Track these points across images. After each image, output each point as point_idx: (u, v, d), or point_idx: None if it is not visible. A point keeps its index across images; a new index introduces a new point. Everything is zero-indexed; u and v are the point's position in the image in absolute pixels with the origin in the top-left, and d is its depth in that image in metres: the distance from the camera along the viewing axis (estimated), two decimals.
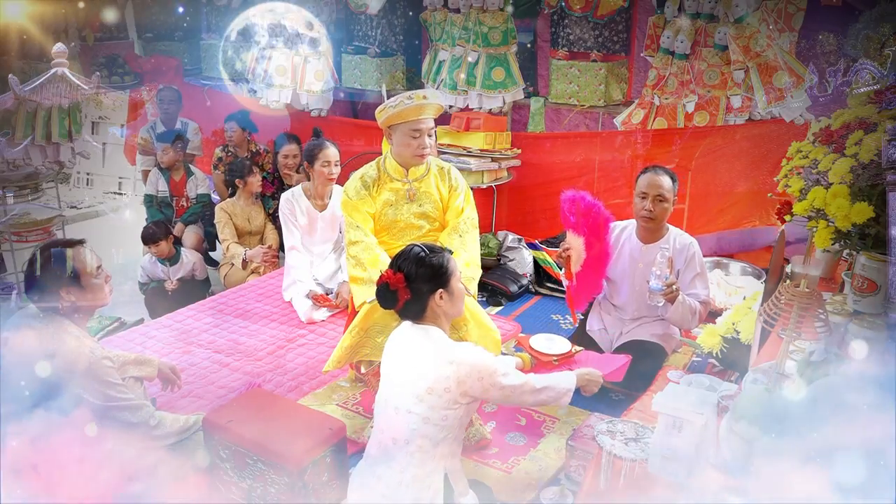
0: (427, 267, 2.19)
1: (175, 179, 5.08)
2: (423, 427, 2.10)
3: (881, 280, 1.97)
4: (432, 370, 2.09)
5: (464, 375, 2.08)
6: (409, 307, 2.21)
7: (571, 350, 3.08)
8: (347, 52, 5.88)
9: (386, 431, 2.18)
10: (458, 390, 2.09)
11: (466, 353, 2.13)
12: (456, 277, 2.26)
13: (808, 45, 4.53)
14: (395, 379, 2.20)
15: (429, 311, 2.22)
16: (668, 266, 3.04)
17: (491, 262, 4.79)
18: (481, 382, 2.10)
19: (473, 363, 2.10)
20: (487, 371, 2.11)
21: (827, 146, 2.05)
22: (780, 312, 1.83)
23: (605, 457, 2.37)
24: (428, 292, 2.19)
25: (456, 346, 2.17)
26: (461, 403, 2.13)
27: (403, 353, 2.21)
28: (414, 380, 2.11)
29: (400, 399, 2.14)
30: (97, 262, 2.55)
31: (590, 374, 2.43)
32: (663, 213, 3.30)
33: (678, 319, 3.27)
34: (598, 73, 5.01)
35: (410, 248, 2.25)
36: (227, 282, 4.69)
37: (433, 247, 2.27)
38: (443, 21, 5.34)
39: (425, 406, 2.09)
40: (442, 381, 2.08)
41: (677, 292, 3.11)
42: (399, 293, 2.16)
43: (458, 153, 4.97)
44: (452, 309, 2.27)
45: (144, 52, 7.39)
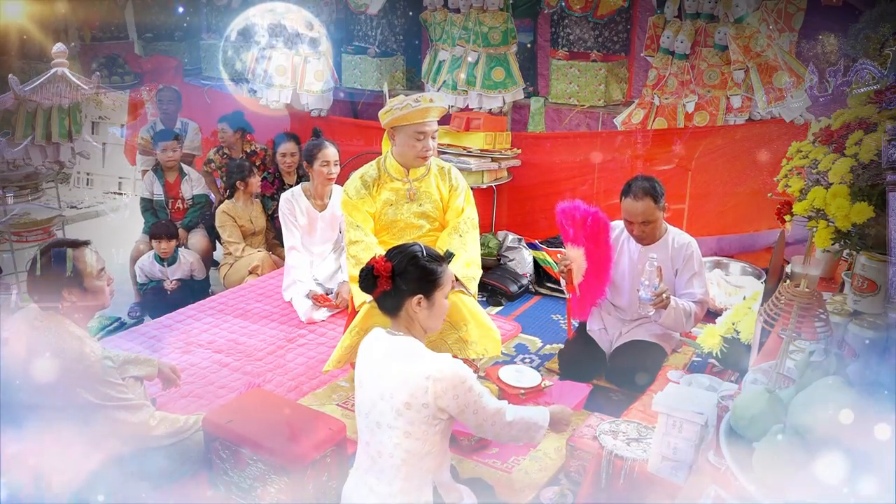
0: (417, 268, 2.11)
1: (169, 181, 5.00)
2: (405, 442, 2.03)
3: (881, 280, 1.97)
4: (409, 385, 2.01)
5: (440, 391, 1.99)
6: (384, 299, 2.13)
7: (541, 384, 3.10)
8: (347, 52, 5.88)
9: (371, 444, 2.12)
10: (436, 405, 2.01)
11: (444, 367, 2.02)
12: (442, 292, 2.16)
13: (808, 45, 4.53)
14: (372, 391, 2.12)
15: (403, 312, 2.13)
16: (657, 275, 3.01)
17: (491, 262, 4.79)
18: (457, 401, 2.01)
19: (451, 378, 2.00)
20: (464, 388, 2.02)
21: (827, 146, 2.05)
22: (780, 312, 1.83)
23: (606, 457, 2.37)
24: (408, 293, 2.10)
25: (433, 360, 2.05)
26: (441, 419, 2.05)
27: (379, 364, 2.11)
28: (391, 393, 2.03)
29: (380, 414, 2.07)
30: (100, 264, 2.55)
31: (562, 412, 2.33)
32: (653, 229, 3.29)
33: (672, 324, 3.25)
34: (598, 73, 5.01)
35: (411, 245, 2.19)
36: (227, 282, 4.69)
37: (435, 253, 2.19)
38: (443, 21, 5.34)
39: (405, 421, 2.02)
40: (419, 396, 2.00)
41: (667, 300, 3.09)
42: (380, 280, 2.08)
43: (458, 153, 4.97)
44: (428, 321, 2.16)
45: (144, 52, 7.39)
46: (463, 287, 3.15)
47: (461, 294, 3.16)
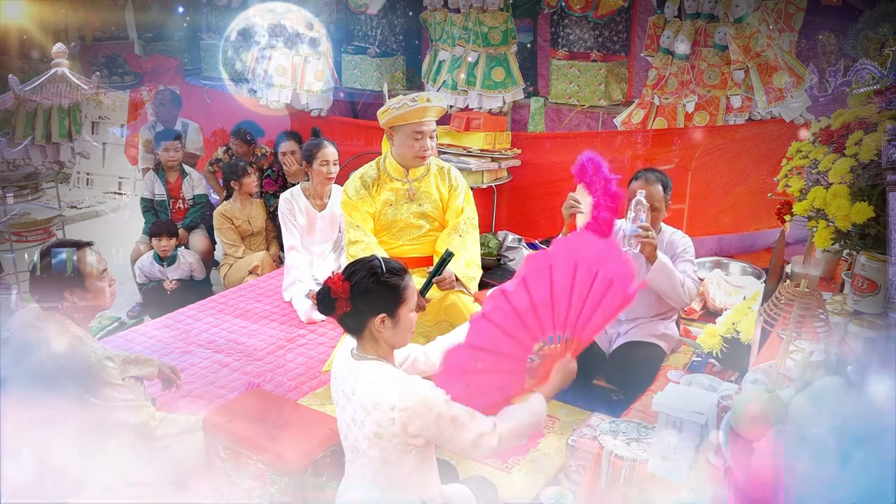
0: (378, 284, 1.96)
1: (171, 181, 4.99)
2: (384, 468, 1.96)
3: (881, 280, 1.97)
4: (375, 415, 1.91)
5: (407, 420, 1.88)
6: (345, 321, 2.00)
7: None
8: (347, 52, 5.88)
9: (355, 462, 2.06)
10: (406, 434, 1.90)
11: (409, 395, 1.89)
12: (408, 307, 2.01)
13: (808, 45, 4.53)
14: (346, 416, 2.02)
15: (367, 332, 2.00)
16: (644, 212, 2.93)
17: (491, 262, 4.79)
18: (427, 430, 1.89)
19: (415, 406, 1.87)
20: (432, 415, 1.88)
21: (827, 146, 2.05)
22: (780, 312, 1.83)
23: (606, 457, 2.37)
24: (369, 313, 1.96)
25: (398, 387, 1.91)
26: (415, 445, 1.94)
27: (349, 386, 2.01)
28: (362, 420, 1.94)
29: (356, 438, 1.99)
30: (103, 266, 2.55)
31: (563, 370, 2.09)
32: (655, 220, 3.27)
33: (662, 283, 3.13)
34: (598, 73, 5.01)
35: (369, 260, 2.03)
36: (227, 282, 4.69)
37: (396, 266, 2.03)
38: (443, 21, 5.34)
39: (378, 450, 1.94)
40: (387, 427, 1.89)
41: (653, 240, 3.00)
42: (339, 303, 1.94)
43: (458, 153, 4.97)
44: (394, 338, 2.01)
45: (144, 52, 7.39)
46: (463, 287, 3.14)
47: (461, 294, 3.16)
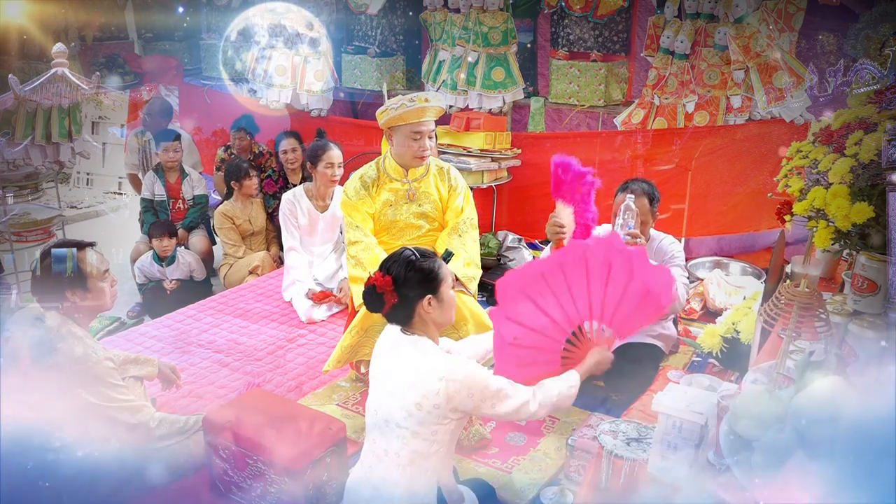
0: (416, 271, 2.12)
1: (170, 181, 4.98)
2: (412, 442, 2.05)
3: (881, 280, 1.97)
4: (421, 385, 2.03)
5: (453, 391, 2.02)
6: (395, 312, 2.14)
7: None
8: (347, 52, 5.88)
9: (378, 442, 2.14)
10: (448, 406, 2.03)
11: (457, 369, 2.05)
12: (447, 284, 2.19)
13: (808, 45, 4.53)
14: (384, 388, 2.15)
15: (417, 317, 2.15)
16: (632, 218, 2.95)
17: (491, 262, 4.79)
18: (472, 399, 2.04)
19: (463, 379, 2.03)
20: (478, 387, 2.04)
21: (827, 146, 2.05)
22: (780, 312, 1.83)
23: (606, 456, 2.37)
24: (416, 297, 2.12)
25: (446, 361, 2.08)
26: (451, 419, 2.07)
27: (392, 363, 2.15)
28: (403, 392, 2.06)
29: (389, 411, 2.09)
30: (105, 266, 2.55)
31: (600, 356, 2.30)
32: (642, 231, 3.23)
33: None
34: (598, 73, 5.01)
35: (401, 252, 2.18)
36: (227, 282, 4.69)
37: (425, 251, 2.21)
38: (443, 21, 5.34)
39: (414, 421, 2.04)
40: (431, 398, 2.02)
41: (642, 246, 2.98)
42: (386, 296, 2.10)
43: (458, 153, 4.97)
44: (442, 317, 2.18)
45: (144, 52, 7.39)
46: (463, 287, 3.14)
47: (461, 294, 3.16)
